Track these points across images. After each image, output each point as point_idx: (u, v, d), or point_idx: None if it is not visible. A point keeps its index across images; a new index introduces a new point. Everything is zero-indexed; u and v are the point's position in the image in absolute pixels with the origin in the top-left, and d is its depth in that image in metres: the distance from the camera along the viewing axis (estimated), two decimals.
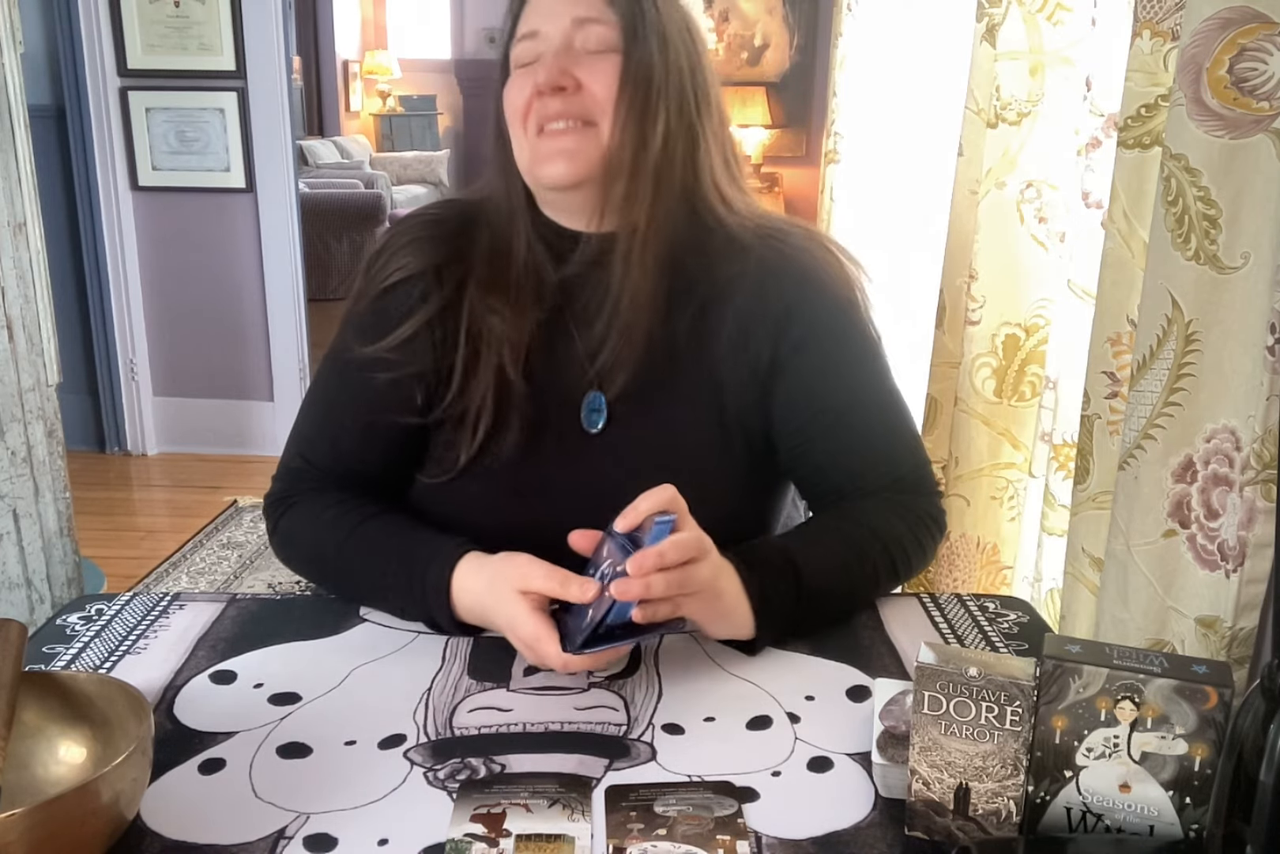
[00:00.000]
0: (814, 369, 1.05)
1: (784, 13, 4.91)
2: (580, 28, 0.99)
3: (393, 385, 1.04)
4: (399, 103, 9.17)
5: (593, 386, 1.04)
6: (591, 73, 0.98)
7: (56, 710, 0.74)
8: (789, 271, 1.05)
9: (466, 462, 1.03)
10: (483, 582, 0.92)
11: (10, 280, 2.01)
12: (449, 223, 1.08)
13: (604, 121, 0.98)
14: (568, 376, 1.05)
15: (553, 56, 0.99)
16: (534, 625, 0.86)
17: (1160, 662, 0.65)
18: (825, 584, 0.96)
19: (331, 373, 1.10)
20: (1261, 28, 0.83)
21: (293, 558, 1.09)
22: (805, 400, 1.05)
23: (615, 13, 0.98)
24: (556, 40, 0.99)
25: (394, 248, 1.06)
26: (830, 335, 1.06)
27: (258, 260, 3.66)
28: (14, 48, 2.27)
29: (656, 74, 0.98)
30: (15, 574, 2.06)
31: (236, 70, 3.47)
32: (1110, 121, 1.20)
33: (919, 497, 1.09)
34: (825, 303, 1.05)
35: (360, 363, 1.05)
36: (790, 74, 4.99)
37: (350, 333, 1.07)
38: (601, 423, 1.05)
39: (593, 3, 0.99)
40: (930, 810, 0.70)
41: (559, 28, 0.99)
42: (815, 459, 1.07)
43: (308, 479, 1.09)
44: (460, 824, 0.71)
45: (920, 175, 2.12)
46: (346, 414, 1.08)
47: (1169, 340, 0.92)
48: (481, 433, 1.02)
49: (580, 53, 0.99)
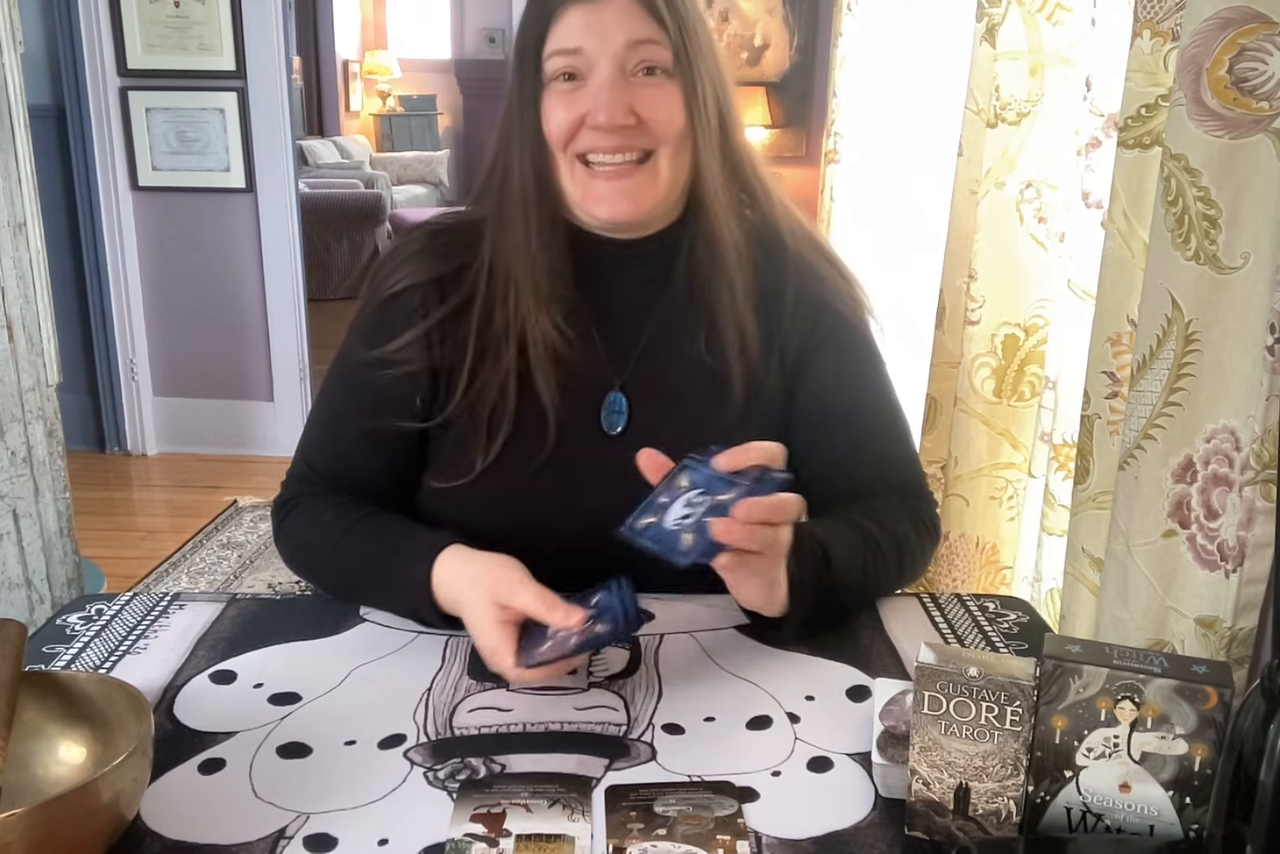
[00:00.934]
0: (830, 372, 1.07)
1: (784, 13, 4.91)
2: (633, 50, 0.93)
3: (392, 388, 1.04)
4: (399, 103, 9.17)
5: (613, 387, 1.04)
6: (652, 104, 0.94)
7: (56, 710, 0.74)
8: (809, 275, 1.06)
9: (484, 466, 1.02)
10: (466, 577, 0.92)
11: (10, 280, 2.01)
12: (456, 231, 1.06)
13: (664, 150, 0.96)
14: (587, 378, 1.04)
15: (609, 90, 0.93)
16: (495, 637, 0.86)
17: (1160, 662, 0.65)
18: (848, 574, 0.97)
19: (336, 380, 1.10)
20: (1261, 28, 0.83)
21: (294, 559, 1.09)
22: (820, 400, 1.07)
23: (667, 33, 0.93)
24: (607, 67, 0.93)
25: (400, 257, 1.05)
26: (848, 340, 1.08)
27: (258, 260, 3.66)
28: (14, 48, 2.27)
29: (708, 93, 0.96)
30: (15, 574, 2.06)
31: (236, 70, 3.47)
32: (1110, 121, 1.20)
33: (920, 501, 1.11)
34: (844, 308, 1.07)
35: (362, 367, 1.05)
36: (790, 74, 4.99)
37: (355, 340, 1.07)
38: (622, 425, 1.04)
39: (646, 22, 0.93)
40: (930, 810, 0.70)
41: (609, 50, 0.93)
42: (822, 458, 1.07)
43: (312, 485, 1.09)
44: (460, 824, 0.71)
45: (920, 175, 2.12)
46: (349, 421, 1.08)
47: (1169, 340, 0.92)
48: (500, 437, 1.01)
49: (635, 81, 0.94)
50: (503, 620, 0.87)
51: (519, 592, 0.86)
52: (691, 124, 0.96)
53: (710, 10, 4.91)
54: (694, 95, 0.95)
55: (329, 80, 8.54)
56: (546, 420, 1.01)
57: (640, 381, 1.04)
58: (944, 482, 1.61)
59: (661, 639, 0.97)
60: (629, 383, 1.04)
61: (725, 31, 4.96)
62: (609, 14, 0.93)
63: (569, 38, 0.94)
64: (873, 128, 2.32)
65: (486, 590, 0.88)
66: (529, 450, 1.02)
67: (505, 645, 0.85)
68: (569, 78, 0.95)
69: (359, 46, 9.07)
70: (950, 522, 1.60)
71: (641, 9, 0.93)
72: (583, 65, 0.94)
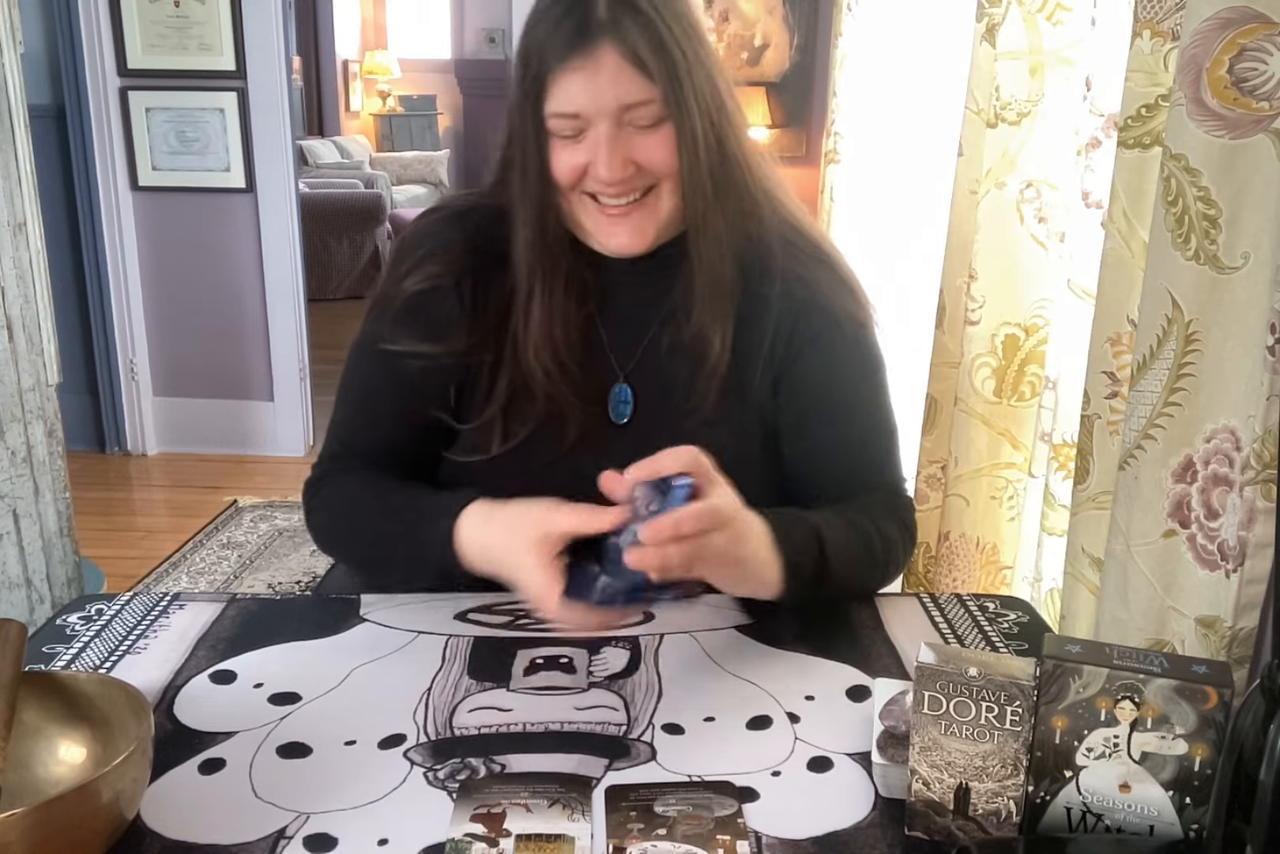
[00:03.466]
0: (823, 366, 1.09)
1: (784, 13, 4.91)
2: (628, 111, 0.96)
3: (426, 376, 1.07)
4: (399, 103, 9.16)
5: (619, 379, 1.08)
6: (649, 151, 0.97)
7: (56, 710, 0.74)
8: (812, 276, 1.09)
9: (499, 450, 1.05)
10: (494, 530, 0.94)
11: (10, 280, 2.01)
12: (474, 216, 1.09)
13: (665, 184, 1.00)
14: (596, 369, 1.08)
15: (607, 147, 0.96)
16: (544, 576, 0.87)
17: (1160, 662, 0.65)
18: (838, 544, 0.99)
19: (367, 362, 1.12)
20: (1261, 28, 0.83)
21: (324, 530, 1.11)
22: (809, 393, 1.09)
23: (657, 87, 0.95)
24: (604, 125, 0.96)
25: (424, 248, 1.08)
26: (837, 341, 1.09)
27: (258, 260, 3.65)
28: (14, 48, 2.27)
29: (702, 126, 0.97)
30: (15, 574, 2.06)
31: (236, 70, 3.46)
32: (1110, 121, 1.20)
33: (899, 502, 1.13)
34: (837, 311, 1.09)
35: (392, 356, 1.07)
36: (790, 74, 4.99)
37: (384, 325, 1.09)
38: (629, 414, 1.08)
39: (635, 82, 0.95)
40: (930, 810, 0.70)
41: (605, 111, 0.95)
42: (806, 453, 1.10)
43: (345, 462, 1.12)
44: (460, 824, 0.71)
45: (920, 175, 2.12)
46: (385, 403, 1.11)
47: (1169, 340, 0.92)
48: (522, 430, 1.05)
49: (631, 132, 0.97)
50: (545, 561, 0.87)
51: (554, 517, 0.88)
52: (692, 160, 0.98)
53: (710, 10, 4.91)
54: (685, 134, 0.97)
55: (329, 80, 8.54)
56: (557, 409, 1.05)
57: (644, 374, 1.08)
58: (944, 482, 1.61)
59: (661, 639, 0.97)
60: (633, 375, 1.08)
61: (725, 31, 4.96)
62: (602, 78, 0.94)
63: (567, 103, 0.96)
64: (873, 128, 2.31)
65: (523, 534, 0.89)
66: (546, 441, 1.06)
67: (556, 584, 0.86)
68: (569, 134, 0.98)
69: (359, 46, 9.06)
70: (950, 522, 1.60)
71: (630, 66, 0.94)
72: (582, 124, 0.97)
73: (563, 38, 0.95)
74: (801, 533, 0.96)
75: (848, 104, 2.36)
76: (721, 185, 1.01)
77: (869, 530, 1.04)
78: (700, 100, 0.97)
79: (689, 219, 1.02)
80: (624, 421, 1.08)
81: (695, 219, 1.01)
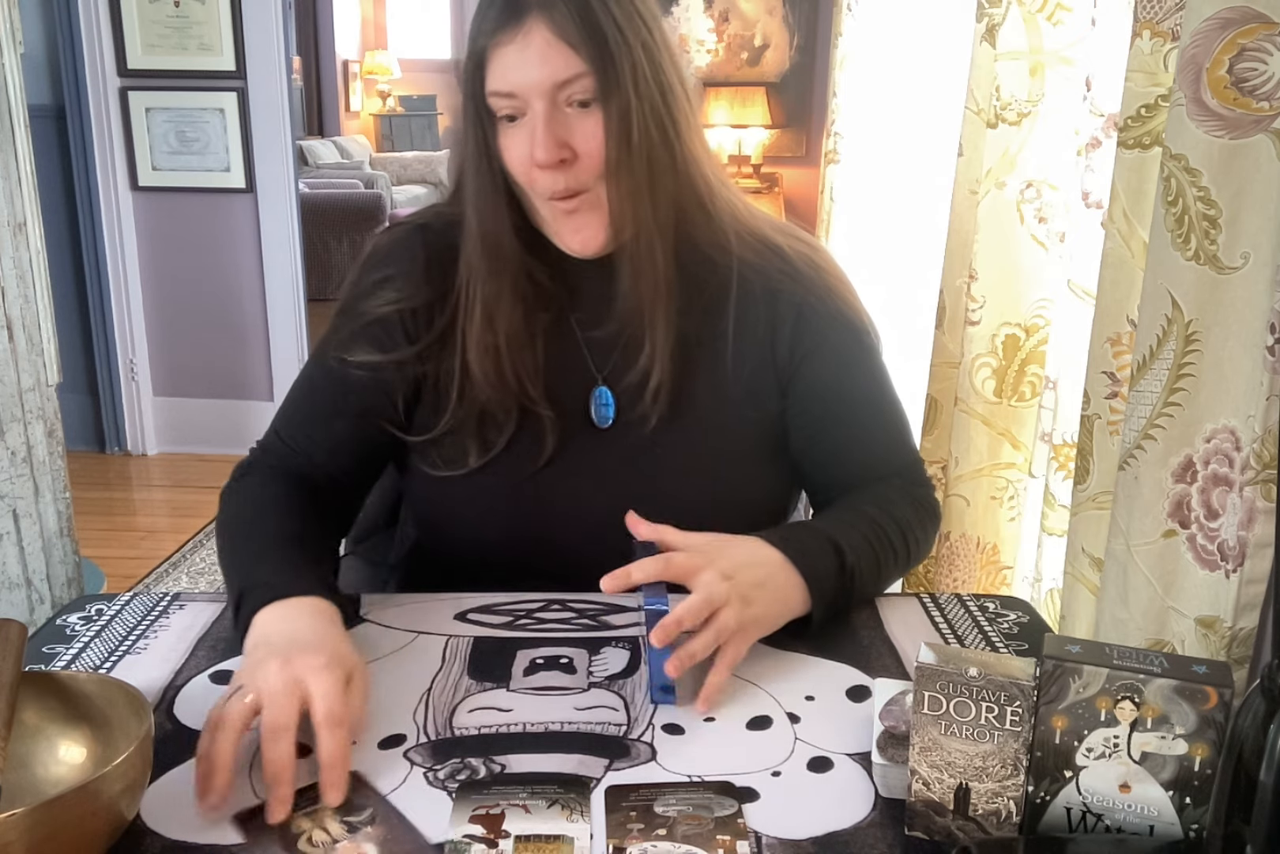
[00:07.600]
0: (829, 367, 1.09)
1: (784, 13, 4.91)
2: (560, 88, 0.94)
3: (375, 391, 1.07)
4: (399, 103, 9.17)
5: (598, 382, 1.07)
6: (585, 137, 0.95)
7: (56, 710, 0.74)
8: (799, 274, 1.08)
9: (477, 463, 1.05)
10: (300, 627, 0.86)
11: (10, 280, 2.01)
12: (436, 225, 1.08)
13: (600, 184, 0.97)
14: (573, 374, 1.07)
15: (544, 128, 0.94)
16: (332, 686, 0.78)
17: (1160, 662, 0.65)
18: (858, 553, 0.99)
19: (318, 367, 1.12)
20: (1261, 28, 0.83)
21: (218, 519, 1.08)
22: (821, 391, 1.09)
23: (588, 62, 0.93)
24: (539, 105, 0.94)
25: (388, 267, 1.08)
26: (841, 335, 1.09)
27: (258, 260, 3.66)
28: (14, 48, 2.27)
29: (637, 111, 0.95)
30: (15, 574, 2.06)
31: (236, 70, 3.47)
32: (1110, 121, 1.20)
33: (919, 487, 1.14)
34: (838, 304, 1.09)
35: (346, 365, 1.07)
36: (790, 74, 4.99)
37: (340, 335, 1.09)
38: (611, 418, 1.07)
39: (567, 57, 0.93)
40: (930, 810, 0.70)
41: (538, 90, 0.94)
42: (823, 447, 1.11)
43: (275, 457, 1.12)
44: (459, 825, 0.71)
45: (920, 175, 2.12)
46: (326, 409, 1.10)
47: (1169, 340, 0.92)
48: (500, 439, 1.04)
49: (571, 113, 0.95)
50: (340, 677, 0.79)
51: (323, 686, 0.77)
52: (620, 153, 0.95)
53: (710, 10, 4.91)
54: (612, 114, 0.94)
55: (329, 80, 8.54)
56: (537, 416, 1.04)
57: (621, 375, 1.06)
58: (944, 482, 1.61)
59: None
60: (611, 377, 1.07)
61: (725, 31, 4.96)
62: (532, 53, 0.93)
63: (502, 81, 0.95)
64: (873, 128, 2.31)
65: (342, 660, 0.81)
66: (529, 448, 1.05)
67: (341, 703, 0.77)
68: (511, 118, 0.97)
69: (359, 46, 9.07)
70: (950, 522, 1.60)
71: (560, 41, 0.92)
72: (520, 105, 0.95)
73: (495, 14, 0.94)
74: (815, 543, 0.97)
75: (848, 104, 2.36)
76: (659, 175, 0.98)
77: (879, 518, 1.04)
78: (639, 83, 0.95)
79: (612, 205, 0.98)
80: (607, 426, 1.07)
81: (622, 205, 0.98)
